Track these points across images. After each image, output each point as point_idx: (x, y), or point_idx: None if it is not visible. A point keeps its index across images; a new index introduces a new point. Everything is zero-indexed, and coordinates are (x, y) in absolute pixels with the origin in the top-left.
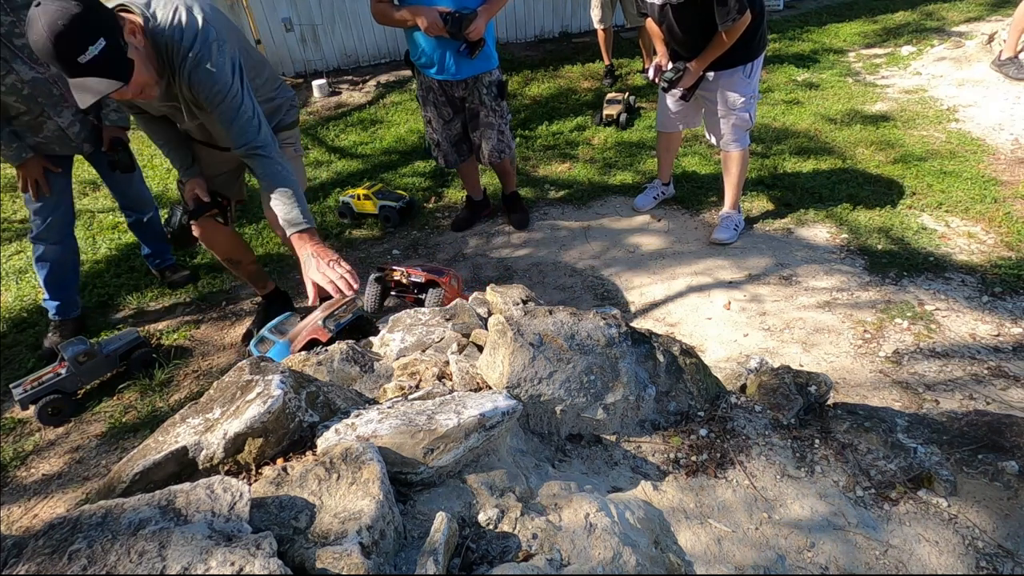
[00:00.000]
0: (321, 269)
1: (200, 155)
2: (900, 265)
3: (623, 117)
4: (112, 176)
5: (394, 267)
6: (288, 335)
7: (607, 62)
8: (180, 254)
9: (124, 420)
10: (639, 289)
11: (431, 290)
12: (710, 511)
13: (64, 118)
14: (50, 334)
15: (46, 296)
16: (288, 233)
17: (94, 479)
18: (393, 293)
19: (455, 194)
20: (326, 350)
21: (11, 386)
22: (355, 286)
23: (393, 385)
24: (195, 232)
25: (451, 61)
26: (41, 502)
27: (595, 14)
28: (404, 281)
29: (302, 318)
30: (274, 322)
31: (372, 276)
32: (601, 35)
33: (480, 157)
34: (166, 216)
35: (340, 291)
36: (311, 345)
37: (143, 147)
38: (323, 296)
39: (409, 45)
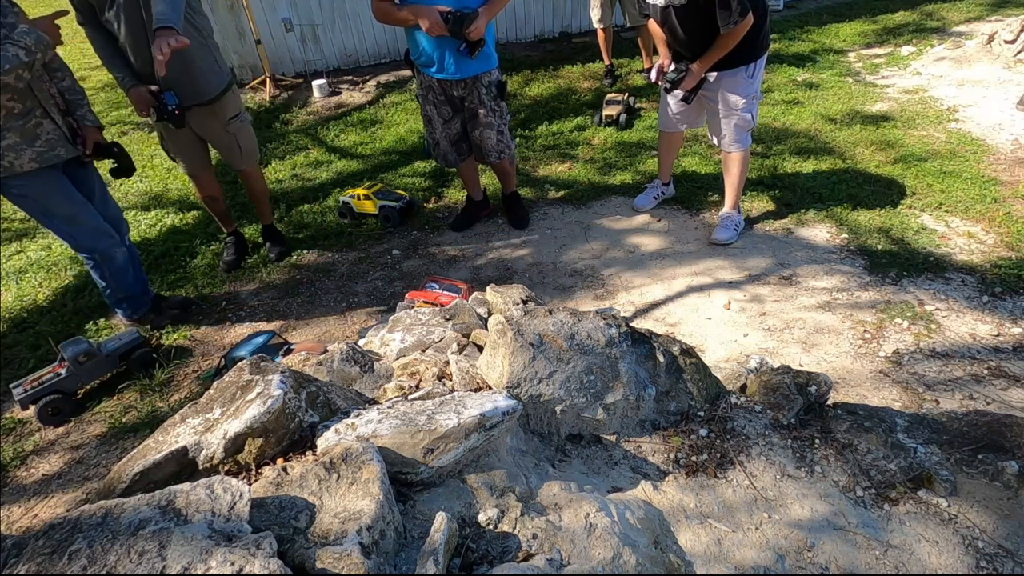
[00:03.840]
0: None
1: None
2: (900, 265)
3: (623, 117)
4: (90, 186)
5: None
6: None
7: (607, 62)
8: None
9: (124, 420)
10: (639, 289)
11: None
12: (710, 511)
13: (57, 118)
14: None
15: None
16: (154, 27)
17: (94, 479)
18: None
19: (455, 194)
20: (326, 350)
21: (11, 386)
22: (161, 57)
23: (393, 385)
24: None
25: (451, 60)
26: (41, 502)
27: (595, 14)
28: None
29: (283, 341)
30: (256, 343)
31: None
32: (601, 35)
33: (479, 157)
34: (154, 112)
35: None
36: None
37: (142, 147)
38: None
39: (409, 44)
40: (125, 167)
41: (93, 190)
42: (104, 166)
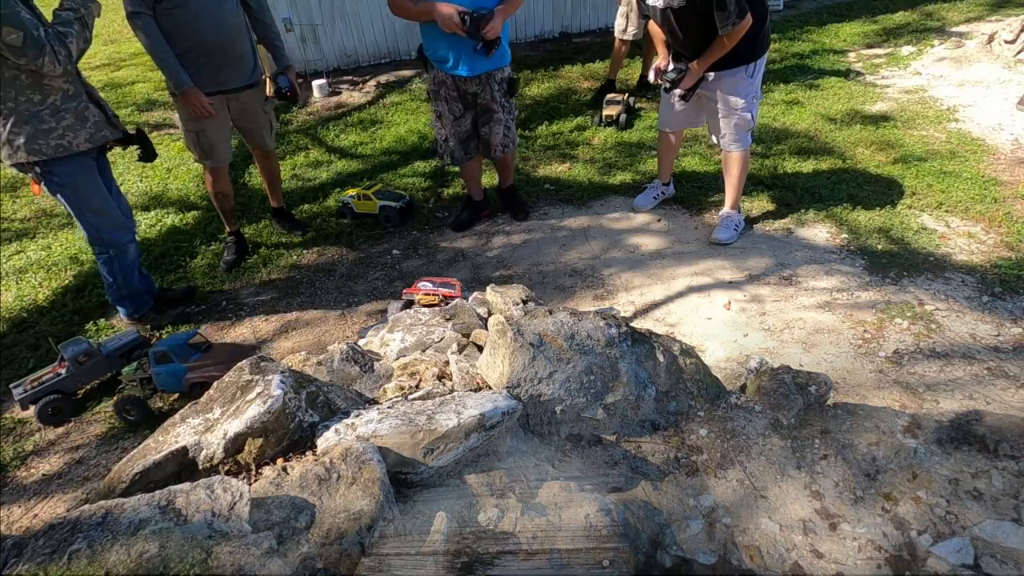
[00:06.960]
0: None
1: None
2: (900, 265)
3: (623, 118)
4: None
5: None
6: (188, 365)
7: (612, 76)
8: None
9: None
10: (639, 289)
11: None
12: (710, 511)
13: (96, 103)
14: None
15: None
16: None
17: (94, 479)
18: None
19: (455, 194)
20: (327, 349)
21: (11, 386)
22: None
23: (393, 385)
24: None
25: (466, 58)
26: (41, 502)
27: (619, 23)
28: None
29: (204, 341)
30: (179, 339)
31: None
32: (618, 46)
33: (487, 152)
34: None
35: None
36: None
37: None
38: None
39: (424, 40)
40: (149, 152)
41: (111, 184)
42: (119, 156)
